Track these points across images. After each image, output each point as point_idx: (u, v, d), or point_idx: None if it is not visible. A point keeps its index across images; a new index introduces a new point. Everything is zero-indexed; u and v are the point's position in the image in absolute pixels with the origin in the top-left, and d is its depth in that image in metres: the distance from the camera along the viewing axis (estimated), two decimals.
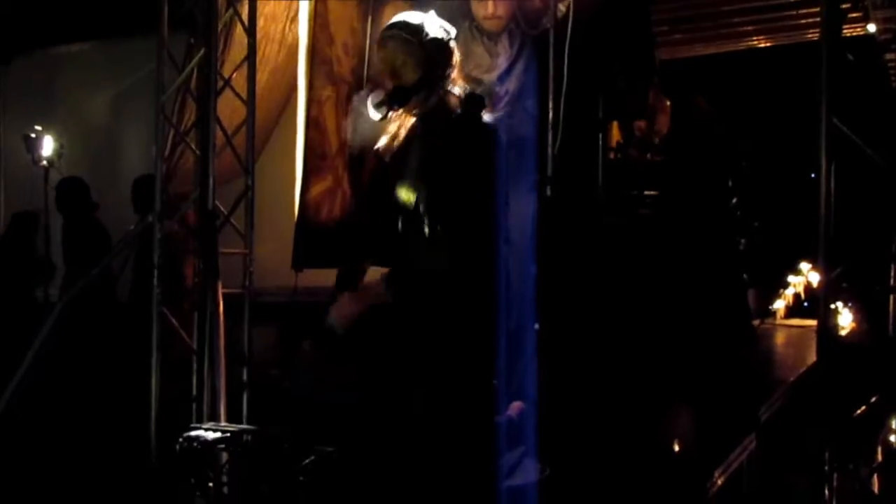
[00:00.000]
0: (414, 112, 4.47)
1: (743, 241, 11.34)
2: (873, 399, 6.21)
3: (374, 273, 6.45)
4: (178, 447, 3.81)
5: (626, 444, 5.34)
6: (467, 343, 3.85)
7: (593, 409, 5.68)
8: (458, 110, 4.41)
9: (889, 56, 10.10)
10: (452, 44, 4.52)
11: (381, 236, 4.37)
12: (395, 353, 4.10)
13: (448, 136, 4.28)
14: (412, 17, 4.52)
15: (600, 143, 6.89)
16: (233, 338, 6.18)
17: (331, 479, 3.60)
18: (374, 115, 4.58)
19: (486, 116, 4.42)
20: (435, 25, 4.48)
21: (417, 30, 4.43)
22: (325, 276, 7.81)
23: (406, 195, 4.34)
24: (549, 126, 5.76)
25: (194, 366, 6.17)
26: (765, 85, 12.34)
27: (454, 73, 4.55)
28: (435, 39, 4.42)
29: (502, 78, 6.29)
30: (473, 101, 4.38)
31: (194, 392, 6.10)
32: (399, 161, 4.49)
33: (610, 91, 6.95)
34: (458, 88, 4.49)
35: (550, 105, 5.78)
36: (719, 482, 5.38)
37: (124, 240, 7.59)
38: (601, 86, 6.72)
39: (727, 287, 9.99)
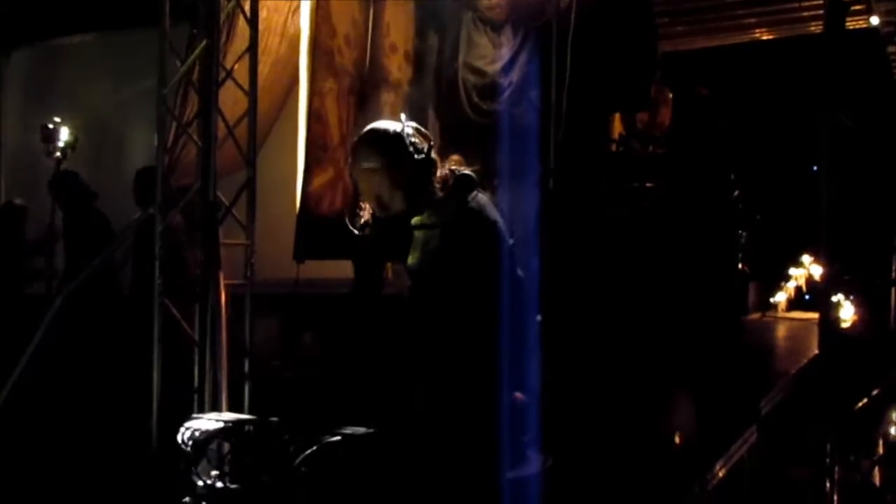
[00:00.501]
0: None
1: (744, 233, 11.35)
2: (875, 392, 6.21)
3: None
4: (179, 437, 3.80)
5: (627, 436, 5.34)
6: (470, 336, 3.83)
7: (595, 400, 5.68)
8: (447, 197, 4.01)
9: (891, 49, 10.10)
10: (433, 152, 3.97)
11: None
12: (398, 346, 4.08)
13: (443, 232, 3.94)
14: (387, 134, 3.96)
15: (602, 135, 6.89)
16: (234, 329, 6.17)
17: (333, 469, 3.60)
18: (355, 231, 4.20)
19: (480, 197, 4.02)
20: (412, 138, 3.96)
21: (401, 156, 3.89)
22: (327, 268, 7.82)
23: (410, 260, 4.10)
24: (553, 117, 5.76)
25: (196, 357, 6.16)
26: (767, 77, 12.33)
27: (437, 172, 3.99)
28: (421, 161, 3.91)
29: (506, 69, 6.29)
30: (461, 184, 4.01)
31: (196, 383, 6.09)
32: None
33: (612, 83, 6.95)
34: (439, 175, 3.95)
35: (553, 96, 5.78)
36: (720, 474, 5.38)
37: (125, 231, 7.58)
38: (604, 78, 6.72)
39: (725, 280, 10.00)
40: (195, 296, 6.16)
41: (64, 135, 9.35)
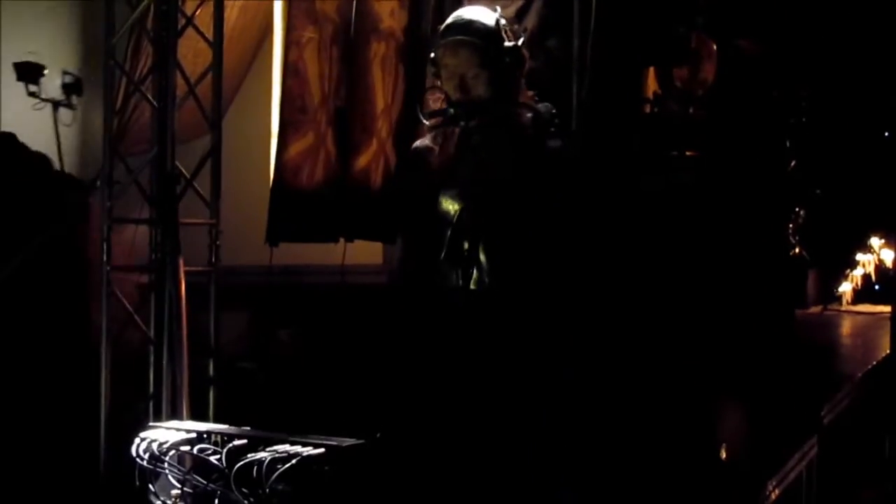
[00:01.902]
0: (473, 121, 4.45)
1: (802, 212, 11.36)
2: None
3: None
4: (133, 449, 3.83)
5: (665, 450, 5.36)
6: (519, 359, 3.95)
7: (626, 405, 5.70)
8: (527, 130, 4.46)
9: None
10: (524, 50, 4.55)
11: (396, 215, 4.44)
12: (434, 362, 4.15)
13: (511, 158, 4.32)
14: (482, 16, 4.50)
15: (634, 93, 6.89)
16: (197, 324, 6.19)
17: (315, 488, 3.62)
18: (425, 121, 4.59)
19: (555, 140, 4.46)
20: (506, 28, 4.51)
21: (493, 37, 4.43)
22: (307, 252, 7.84)
23: (449, 204, 4.37)
24: (575, 71, 5.76)
25: (151, 357, 6.18)
26: (830, 22, 12.31)
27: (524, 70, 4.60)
28: (512, 49, 4.46)
29: (520, 13, 6.29)
30: (544, 123, 4.44)
31: (151, 388, 6.12)
32: (446, 162, 4.49)
33: (646, 31, 6.95)
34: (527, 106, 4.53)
35: (576, 46, 5.77)
36: (774, 495, 5.40)
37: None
38: (635, 25, 6.72)
39: (779, 267, 10.02)
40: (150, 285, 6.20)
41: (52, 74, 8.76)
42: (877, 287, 12.91)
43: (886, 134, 12.32)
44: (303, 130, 7.35)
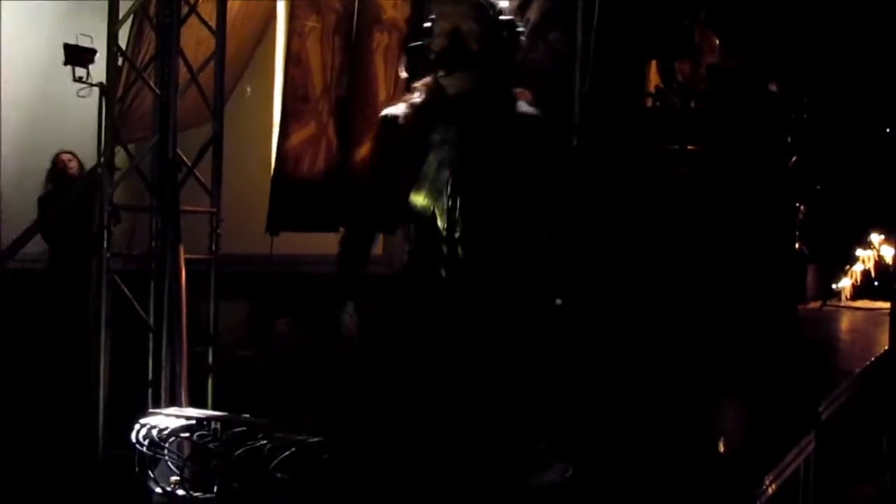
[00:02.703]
0: (454, 90, 4.31)
1: (802, 207, 11.37)
2: None
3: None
4: (133, 436, 3.84)
5: (661, 443, 5.37)
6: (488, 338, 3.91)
7: (624, 399, 5.71)
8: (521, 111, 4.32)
9: None
10: (523, 38, 4.44)
11: (390, 205, 4.33)
12: (409, 346, 4.14)
13: (500, 141, 4.19)
14: None
15: (636, 87, 6.89)
16: (196, 312, 6.20)
17: (314, 475, 3.64)
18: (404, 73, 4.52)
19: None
20: (509, 9, 4.45)
21: (494, 5, 4.34)
22: (306, 242, 7.85)
23: (421, 200, 4.23)
24: (578, 64, 5.77)
25: (150, 344, 6.20)
26: (831, 17, 12.30)
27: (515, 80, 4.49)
28: (510, 21, 4.36)
29: (522, 5, 6.29)
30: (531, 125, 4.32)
31: (150, 375, 6.13)
32: (419, 141, 4.38)
33: (649, 25, 6.95)
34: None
35: (579, 39, 5.78)
36: (771, 490, 5.41)
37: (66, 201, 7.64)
38: (639, 19, 6.72)
39: (779, 261, 10.02)
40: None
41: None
42: (876, 283, 12.91)
43: (887, 130, 12.33)
44: (304, 120, 7.37)
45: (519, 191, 4.10)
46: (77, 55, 7.85)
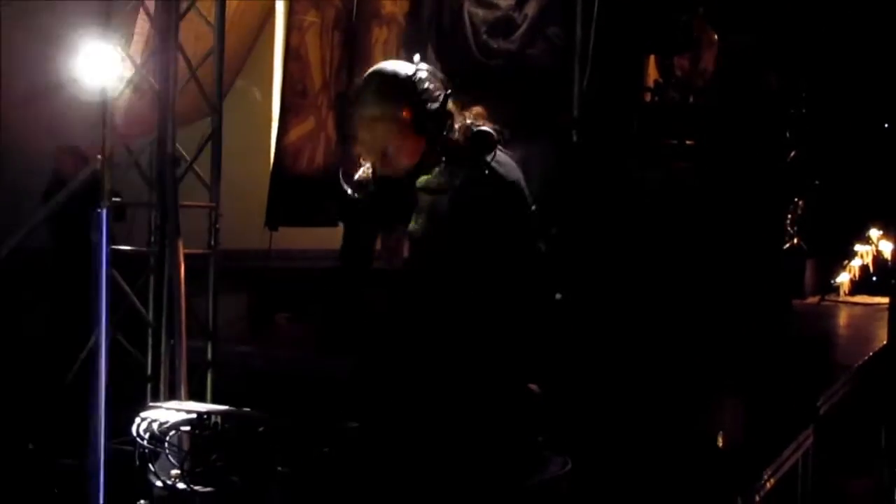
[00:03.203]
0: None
1: (800, 202, 11.39)
2: None
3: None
4: (134, 429, 3.85)
5: (660, 437, 5.39)
6: (477, 318, 3.89)
7: (623, 394, 5.73)
8: (461, 156, 4.05)
9: None
10: (450, 102, 4.03)
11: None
12: (390, 328, 4.13)
13: (453, 196, 3.96)
14: (396, 78, 3.99)
15: (635, 82, 6.91)
16: (195, 308, 6.22)
17: (316, 469, 3.65)
18: (351, 193, 4.23)
19: (499, 156, 4.06)
20: (426, 83, 3.99)
21: (410, 103, 3.95)
22: (306, 237, 7.88)
23: (412, 225, 4.17)
24: (577, 59, 5.79)
25: (149, 339, 6.21)
26: (830, 13, 12.32)
27: (454, 125, 4.04)
28: (436, 112, 3.96)
29: (521, 0, 6.31)
30: (478, 142, 4.03)
31: (149, 370, 6.15)
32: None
33: (648, 20, 6.96)
34: (458, 127, 3.99)
35: (578, 34, 5.80)
36: (769, 484, 5.43)
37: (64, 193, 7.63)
38: (638, 13, 6.74)
39: (777, 256, 10.05)
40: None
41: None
42: (874, 278, 12.94)
43: (886, 125, 12.34)
44: (303, 115, 7.39)
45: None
46: None
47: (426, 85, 3.98)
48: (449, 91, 4.03)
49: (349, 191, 4.18)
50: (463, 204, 3.86)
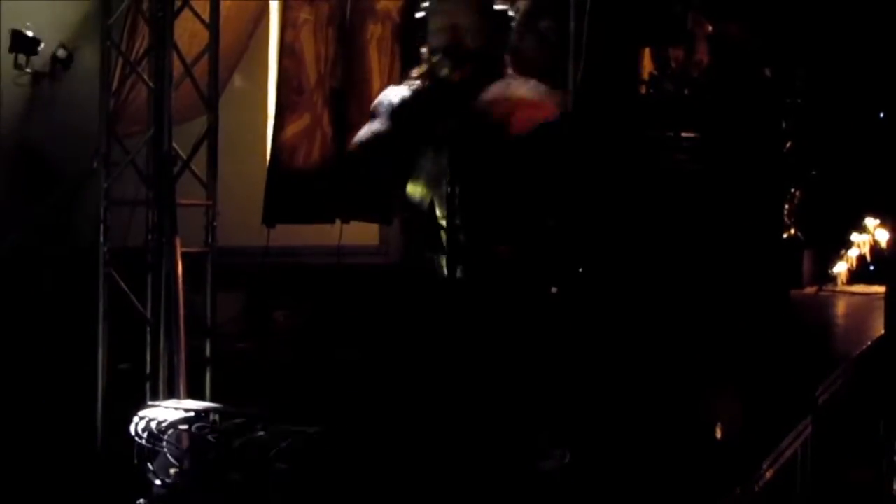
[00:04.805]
0: (455, 82, 4.27)
1: (797, 192, 11.38)
2: None
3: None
4: (132, 428, 3.86)
5: (659, 429, 5.39)
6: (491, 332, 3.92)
7: (620, 386, 5.73)
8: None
9: None
10: (513, 24, 4.49)
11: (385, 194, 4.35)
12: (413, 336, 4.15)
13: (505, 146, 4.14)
14: None
15: (630, 74, 6.90)
16: (193, 305, 6.22)
17: (314, 466, 3.66)
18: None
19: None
20: None
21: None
22: (303, 234, 7.87)
23: (418, 190, 4.25)
24: (571, 53, 5.77)
25: (148, 338, 6.21)
26: (825, 1, 12.29)
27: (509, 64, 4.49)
28: (503, 13, 4.41)
29: None
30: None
31: (148, 368, 6.15)
32: (414, 133, 4.37)
33: (642, 12, 6.96)
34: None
35: (572, 27, 5.79)
36: (768, 475, 5.43)
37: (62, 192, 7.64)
38: (631, 5, 6.74)
39: (774, 247, 10.04)
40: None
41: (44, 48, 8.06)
42: (872, 267, 12.90)
43: (882, 114, 12.31)
44: (299, 111, 7.38)
45: (519, 180, 4.10)
46: (23, 43, 7.92)
47: None
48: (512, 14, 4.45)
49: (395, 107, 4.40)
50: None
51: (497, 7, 4.35)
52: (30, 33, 7.85)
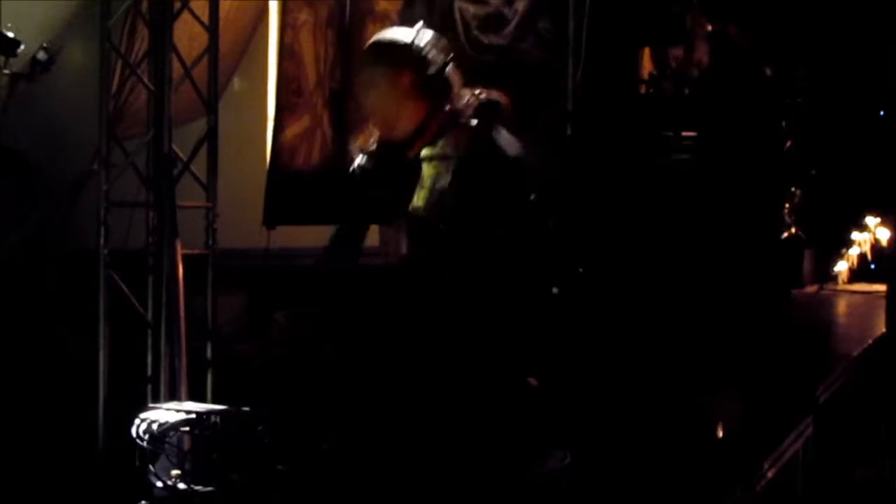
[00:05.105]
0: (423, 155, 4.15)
1: (798, 191, 11.38)
2: None
3: None
4: (133, 430, 3.86)
5: (659, 429, 5.39)
6: (477, 304, 3.89)
7: (621, 386, 5.74)
8: (466, 125, 4.09)
9: None
10: (449, 69, 4.06)
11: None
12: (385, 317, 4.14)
13: (457, 168, 4.00)
14: (395, 41, 4.06)
15: (630, 74, 6.90)
16: (194, 307, 6.22)
17: (317, 468, 3.66)
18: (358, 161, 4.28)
19: (504, 134, 4.08)
20: (430, 48, 4.03)
21: (409, 64, 4.00)
22: (303, 235, 7.85)
23: (415, 201, 4.17)
24: (570, 53, 5.79)
25: (149, 340, 6.22)
26: (825, 1, 12.30)
27: (457, 94, 4.08)
28: (435, 77, 4.01)
29: None
30: (486, 111, 4.07)
31: (149, 370, 6.16)
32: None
33: (641, 12, 6.97)
34: (464, 100, 4.15)
35: (571, 27, 5.80)
36: (769, 474, 5.43)
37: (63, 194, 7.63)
38: (630, 5, 6.74)
39: (775, 246, 10.05)
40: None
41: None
42: (873, 266, 12.91)
43: (882, 113, 12.32)
44: (299, 113, 7.39)
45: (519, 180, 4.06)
46: (1, 44, 7.80)
47: (425, 50, 4.04)
48: (450, 57, 4.09)
49: (356, 159, 4.22)
50: (466, 177, 3.91)
51: (430, 72, 4.00)
52: (10, 34, 7.83)
